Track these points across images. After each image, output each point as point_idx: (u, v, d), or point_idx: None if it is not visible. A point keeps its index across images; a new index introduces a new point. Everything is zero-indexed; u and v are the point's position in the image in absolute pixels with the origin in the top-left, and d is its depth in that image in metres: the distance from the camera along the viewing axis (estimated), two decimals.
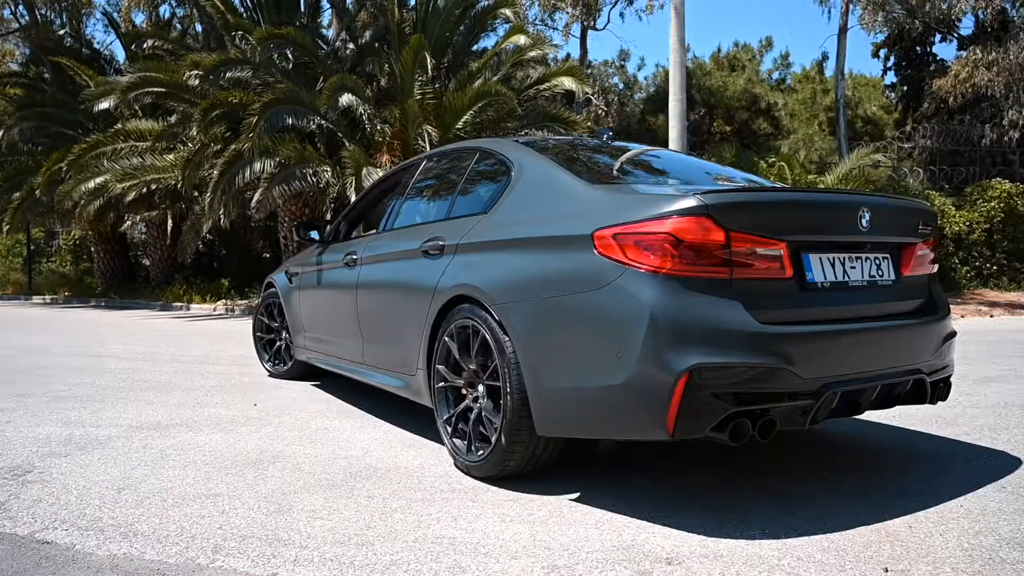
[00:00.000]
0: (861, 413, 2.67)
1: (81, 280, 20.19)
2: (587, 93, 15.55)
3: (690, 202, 2.32)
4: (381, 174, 5.77)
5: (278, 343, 5.58)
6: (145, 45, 15.70)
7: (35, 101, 17.10)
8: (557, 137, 4.36)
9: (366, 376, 3.99)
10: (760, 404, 2.31)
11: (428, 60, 11.68)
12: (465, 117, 11.49)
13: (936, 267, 3.07)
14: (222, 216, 12.37)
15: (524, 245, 2.78)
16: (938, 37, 22.11)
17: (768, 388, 2.31)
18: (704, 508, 2.52)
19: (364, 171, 10.82)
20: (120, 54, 20.28)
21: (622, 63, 31.77)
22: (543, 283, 2.62)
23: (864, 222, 2.60)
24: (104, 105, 13.88)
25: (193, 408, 4.32)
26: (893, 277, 2.79)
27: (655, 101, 27.97)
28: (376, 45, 14.12)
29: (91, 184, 13.80)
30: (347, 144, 11.91)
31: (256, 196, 11.98)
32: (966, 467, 2.97)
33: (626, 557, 2.13)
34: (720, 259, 2.31)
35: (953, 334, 2.97)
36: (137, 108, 14.62)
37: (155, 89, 13.25)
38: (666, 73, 24.55)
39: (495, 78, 12.60)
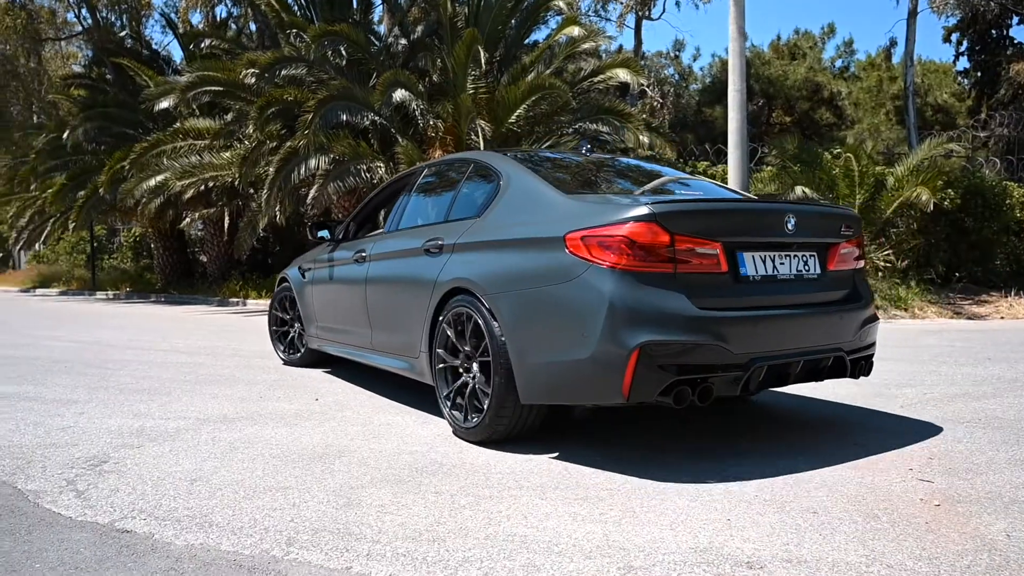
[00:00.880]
0: (789, 384, 3.16)
1: (141, 276, 20.76)
2: (642, 85, 15.34)
3: (642, 210, 2.80)
4: (388, 179, 6.01)
5: (290, 332, 5.88)
6: (202, 45, 16.07)
7: (98, 102, 17.58)
8: (544, 152, 5.13)
9: (374, 360, 4.41)
10: (698, 374, 2.79)
11: (481, 54, 11.61)
12: (518, 111, 11.37)
13: (862, 263, 3.53)
14: (278, 213, 12.50)
15: (510, 245, 3.25)
16: (1015, 19, 21.20)
17: (704, 360, 2.79)
18: (779, 508, 2.43)
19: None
20: (177, 54, 20.90)
21: (676, 54, 31.38)
22: (525, 277, 3.08)
23: (790, 226, 3.05)
24: (164, 104, 14.20)
25: (257, 402, 4.38)
26: (819, 271, 3.25)
27: (711, 92, 27.52)
28: (428, 40, 14.10)
29: (152, 182, 14.14)
30: (400, 140, 11.95)
31: (311, 192, 12.10)
32: None
33: (704, 560, 2.06)
34: (666, 257, 2.79)
35: (874, 318, 3.43)
36: (195, 107, 14.86)
37: (212, 88, 13.48)
38: (722, 63, 24.14)
39: (548, 71, 12.46)
